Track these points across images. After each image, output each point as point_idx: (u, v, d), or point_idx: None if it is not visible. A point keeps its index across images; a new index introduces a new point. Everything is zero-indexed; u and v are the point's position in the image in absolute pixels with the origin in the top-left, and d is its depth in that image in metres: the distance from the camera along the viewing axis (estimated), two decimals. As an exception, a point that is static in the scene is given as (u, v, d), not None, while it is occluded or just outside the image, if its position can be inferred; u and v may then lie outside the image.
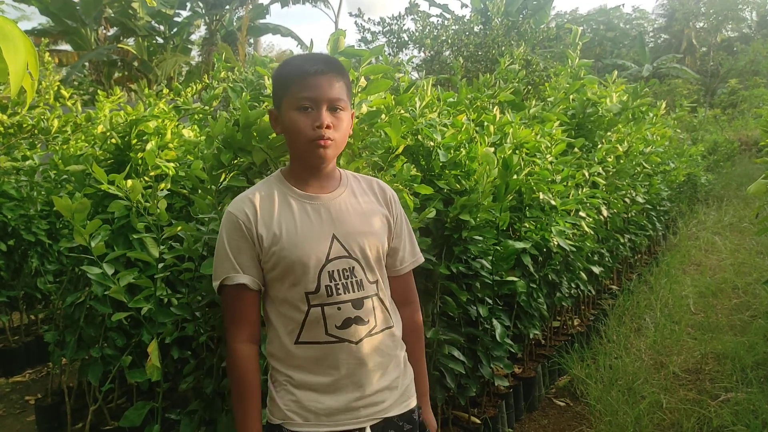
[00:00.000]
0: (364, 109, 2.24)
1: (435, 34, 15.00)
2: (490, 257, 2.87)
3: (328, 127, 1.43)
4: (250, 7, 21.40)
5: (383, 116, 2.36)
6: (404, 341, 1.65)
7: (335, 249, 1.47)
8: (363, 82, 2.23)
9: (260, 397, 1.49)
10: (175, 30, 20.57)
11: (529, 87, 9.69)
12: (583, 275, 3.95)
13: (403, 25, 16.00)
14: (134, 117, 3.09)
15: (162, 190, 2.59)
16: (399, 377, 1.56)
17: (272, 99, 1.54)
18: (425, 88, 2.94)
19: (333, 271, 1.46)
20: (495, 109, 3.39)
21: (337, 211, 1.51)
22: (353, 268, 1.48)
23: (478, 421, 3.07)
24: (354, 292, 1.48)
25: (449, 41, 14.46)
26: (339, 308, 1.46)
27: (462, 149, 2.77)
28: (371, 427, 1.49)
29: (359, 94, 2.21)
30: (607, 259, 4.68)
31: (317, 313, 1.45)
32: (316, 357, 1.47)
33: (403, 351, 1.63)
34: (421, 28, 15.45)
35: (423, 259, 1.72)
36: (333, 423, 1.46)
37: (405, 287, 1.69)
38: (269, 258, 1.46)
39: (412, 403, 1.59)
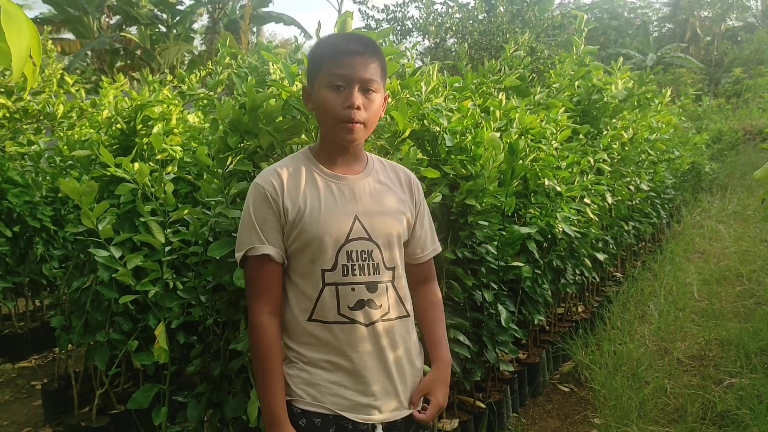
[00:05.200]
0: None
1: (439, 21, 14.90)
2: (496, 242, 2.87)
3: (358, 108, 1.41)
4: (253, -5, 21.31)
5: (390, 100, 2.35)
6: (424, 313, 1.66)
7: (356, 229, 1.46)
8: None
9: (282, 370, 1.47)
10: (177, 18, 20.55)
11: (534, 75, 9.65)
12: (588, 262, 3.95)
13: (407, 12, 15.87)
14: (139, 102, 3.08)
15: (168, 173, 2.59)
16: (409, 373, 1.54)
17: (306, 76, 1.53)
18: (431, 73, 2.92)
19: (351, 251, 1.45)
20: (501, 95, 3.37)
21: (361, 192, 1.50)
22: (371, 251, 1.47)
23: (483, 406, 3.08)
24: (370, 274, 1.46)
25: (453, 29, 14.37)
26: (353, 289, 1.44)
27: (468, 134, 2.76)
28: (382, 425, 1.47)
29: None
30: (611, 246, 4.68)
31: (331, 292, 1.44)
32: (326, 336, 1.45)
33: (416, 344, 1.60)
34: (425, 15, 15.34)
35: (441, 248, 1.71)
36: (339, 407, 1.44)
37: (425, 273, 1.68)
38: (291, 231, 1.45)
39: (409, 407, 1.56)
